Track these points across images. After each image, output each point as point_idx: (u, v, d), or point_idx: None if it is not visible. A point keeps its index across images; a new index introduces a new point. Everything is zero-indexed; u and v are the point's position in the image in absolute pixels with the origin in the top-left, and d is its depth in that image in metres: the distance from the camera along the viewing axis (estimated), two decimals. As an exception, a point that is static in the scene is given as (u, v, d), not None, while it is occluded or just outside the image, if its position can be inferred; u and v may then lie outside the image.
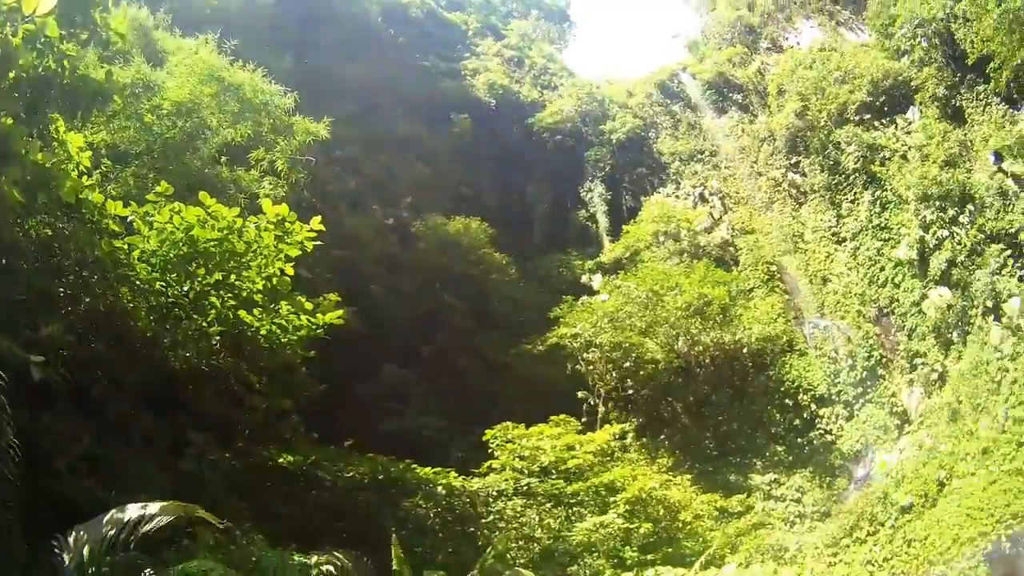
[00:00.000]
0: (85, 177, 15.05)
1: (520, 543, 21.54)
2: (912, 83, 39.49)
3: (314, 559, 12.85)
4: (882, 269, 36.86)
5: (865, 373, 34.79)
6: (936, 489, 26.22)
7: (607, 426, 29.96)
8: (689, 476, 28.77)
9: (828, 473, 33.02)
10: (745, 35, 53.75)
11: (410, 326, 35.49)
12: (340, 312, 18.40)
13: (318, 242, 17.08)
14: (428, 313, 36.22)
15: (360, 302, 31.04)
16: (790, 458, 33.43)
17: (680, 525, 25.06)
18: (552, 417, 26.18)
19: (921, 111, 38.86)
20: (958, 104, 37.08)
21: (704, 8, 62.22)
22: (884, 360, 35.14)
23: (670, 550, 23.56)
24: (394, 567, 15.24)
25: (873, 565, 24.84)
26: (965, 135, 36.28)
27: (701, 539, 25.09)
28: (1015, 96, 34.10)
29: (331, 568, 12.87)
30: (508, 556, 20.41)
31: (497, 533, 21.31)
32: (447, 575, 17.58)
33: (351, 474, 21.01)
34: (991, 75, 33.63)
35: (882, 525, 26.10)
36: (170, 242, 15.96)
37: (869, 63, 42.08)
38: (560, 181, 49.51)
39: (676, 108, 52.30)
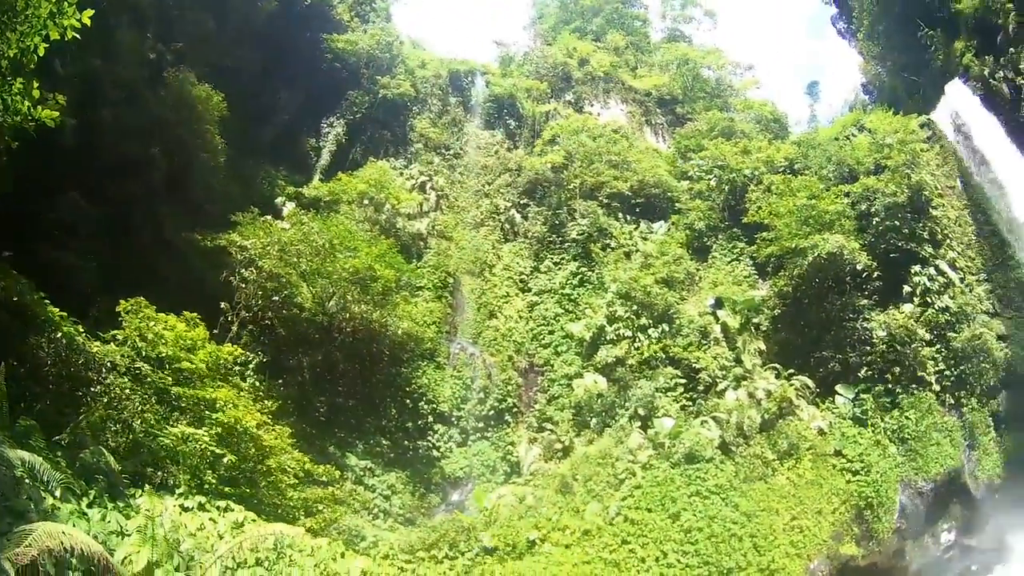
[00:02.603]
0: None
1: (116, 426, 21.41)
2: (677, 204, 44.31)
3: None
4: (551, 332, 40.23)
5: (492, 412, 37.43)
6: (525, 545, 28.97)
7: (231, 346, 29.16)
8: (289, 430, 28.60)
9: (424, 484, 35.09)
10: (559, 79, 56.33)
11: (113, 164, 33.74)
12: (56, 114, 16.96)
13: (79, 36, 16.25)
14: (133, 160, 34.49)
15: (83, 119, 29.41)
16: (392, 455, 35.02)
17: (264, 471, 25.31)
18: (187, 312, 26.04)
19: (669, 229, 43.57)
20: (710, 244, 42.25)
21: (541, 40, 65.30)
22: (515, 410, 38.00)
23: (248, 491, 24.06)
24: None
25: (443, 586, 25.81)
26: (698, 270, 41.25)
27: (280, 493, 25.61)
28: (769, 269, 39.50)
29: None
30: (101, 434, 20.62)
31: (99, 406, 21.10)
32: (39, 427, 17.68)
33: (-8, 284, 19.98)
34: (759, 241, 38.94)
35: (461, 554, 28.25)
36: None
37: (650, 166, 46.75)
38: (313, 102, 48.68)
39: (452, 100, 53.38)
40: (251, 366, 32.88)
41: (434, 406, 37.14)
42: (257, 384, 32.29)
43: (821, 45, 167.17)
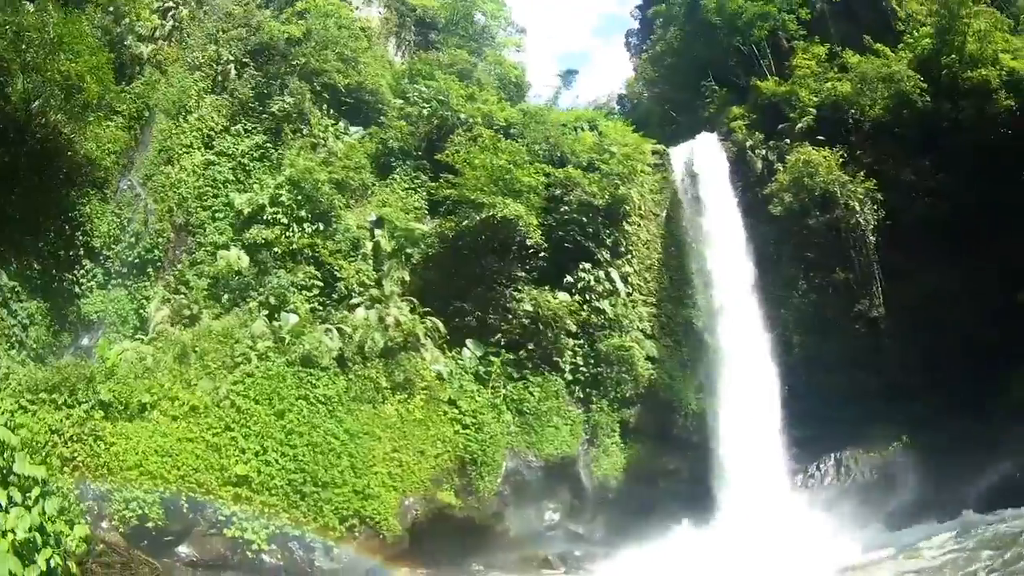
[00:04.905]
0: None
1: None
2: (382, 118, 53.15)
3: None
4: (215, 196, 45.96)
5: (138, 261, 42.63)
6: (137, 408, 34.24)
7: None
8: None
9: (60, 321, 39.87)
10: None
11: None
12: None
13: None
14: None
15: None
16: (39, 282, 39.33)
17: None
18: None
19: (364, 138, 52.24)
20: (396, 165, 51.31)
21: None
22: (159, 264, 43.45)
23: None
24: None
25: (58, 436, 31.46)
26: (375, 184, 50.18)
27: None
28: (441, 210, 48.94)
29: None
30: None
31: None
32: None
33: None
34: (442, 181, 48.09)
35: (79, 404, 32.90)
36: None
37: (375, 73, 55.41)
38: None
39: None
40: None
41: (88, 239, 41.56)
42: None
43: (600, 46, 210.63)
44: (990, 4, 58.66)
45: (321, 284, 43.79)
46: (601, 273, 49.70)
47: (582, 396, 47.39)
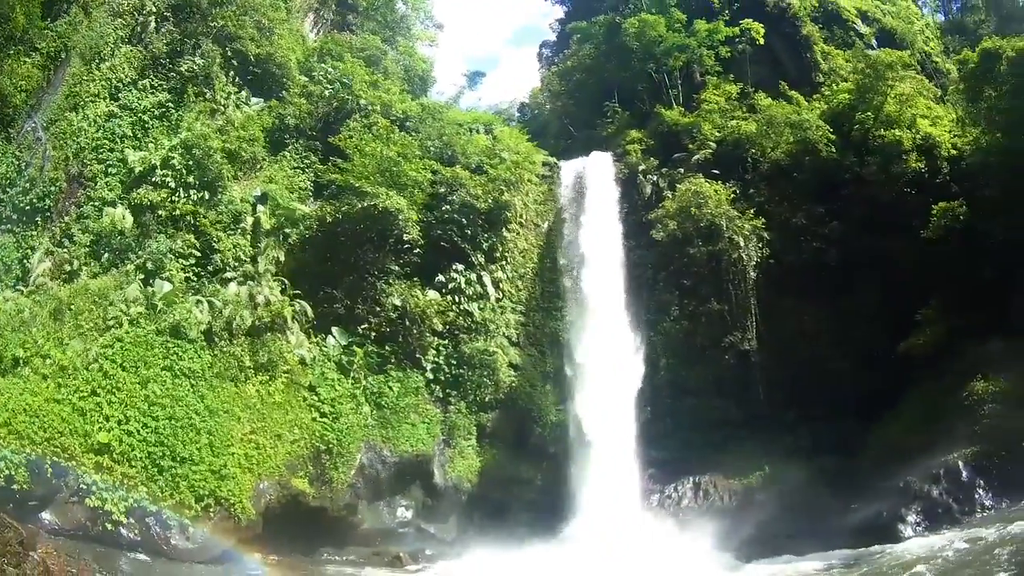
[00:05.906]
0: None
1: None
2: (283, 92, 54.61)
3: None
4: (111, 151, 45.96)
5: (28, 208, 42.68)
6: (11, 362, 34.92)
7: None
8: None
9: None
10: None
11: None
12: None
13: None
14: None
15: None
16: None
17: None
18: None
19: (263, 110, 53.17)
20: (288, 142, 53.00)
21: None
22: (49, 215, 43.05)
23: None
24: None
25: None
26: (265, 159, 51.46)
27: None
28: (325, 193, 50.93)
29: None
30: None
31: None
32: None
33: None
34: (331, 164, 50.56)
35: None
36: None
37: (286, 47, 56.50)
38: None
39: None
40: None
41: (-11, 184, 42.02)
42: None
43: (513, 54, 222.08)
44: (921, 71, 64.00)
45: (198, 254, 44.67)
46: (473, 276, 52.53)
47: (441, 396, 49.72)
